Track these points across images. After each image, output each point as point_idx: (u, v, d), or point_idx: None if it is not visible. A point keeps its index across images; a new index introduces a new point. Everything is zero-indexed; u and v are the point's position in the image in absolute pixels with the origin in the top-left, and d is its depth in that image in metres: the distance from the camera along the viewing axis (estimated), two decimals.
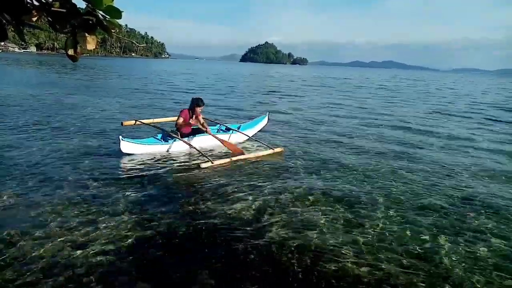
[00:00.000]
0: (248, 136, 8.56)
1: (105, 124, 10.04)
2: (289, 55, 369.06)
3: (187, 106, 7.89)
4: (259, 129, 9.22)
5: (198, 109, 7.75)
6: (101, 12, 1.40)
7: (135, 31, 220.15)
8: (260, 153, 7.67)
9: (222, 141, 7.87)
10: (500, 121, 14.58)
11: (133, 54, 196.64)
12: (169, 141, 7.66)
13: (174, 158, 7.24)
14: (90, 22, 1.41)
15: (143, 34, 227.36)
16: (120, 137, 7.19)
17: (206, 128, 7.94)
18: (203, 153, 7.16)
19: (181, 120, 7.63)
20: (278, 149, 7.83)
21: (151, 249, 3.77)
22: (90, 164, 6.50)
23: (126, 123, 7.82)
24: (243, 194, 5.42)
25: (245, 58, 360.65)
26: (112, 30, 1.47)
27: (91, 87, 21.06)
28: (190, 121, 7.72)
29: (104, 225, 4.19)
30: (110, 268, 3.40)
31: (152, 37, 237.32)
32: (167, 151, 7.60)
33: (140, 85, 24.02)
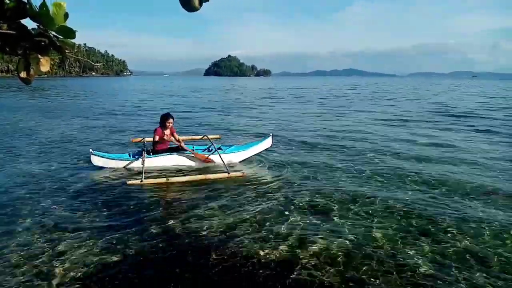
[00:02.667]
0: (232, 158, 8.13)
1: (65, 146, 9.69)
2: (253, 67, 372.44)
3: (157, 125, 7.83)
4: (260, 151, 8.49)
5: (169, 124, 7.66)
6: (53, 33, 1.37)
7: (95, 49, 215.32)
8: (217, 175, 7.14)
9: (192, 152, 7.92)
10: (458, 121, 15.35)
11: (93, 73, 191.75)
12: (136, 157, 7.69)
13: (136, 174, 7.20)
14: (43, 43, 1.37)
15: (103, 52, 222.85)
16: (91, 150, 7.56)
17: (180, 143, 7.92)
18: (141, 170, 6.98)
19: (157, 138, 7.64)
20: (235, 174, 7.24)
21: (116, 271, 3.65)
22: (50, 186, 6.29)
23: (134, 140, 8.68)
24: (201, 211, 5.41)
25: (209, 72, 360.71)
26: (66, 51, 1.43)
27: (48, 109, 20.33)
28: (165, 138, 7.69)
29: (68, 249, 4.02)
30: None
31: (112, 55, 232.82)
32: (131, 166, 7.61)
33: (95, 105, 23.49)
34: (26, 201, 5.64)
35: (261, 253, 4.02)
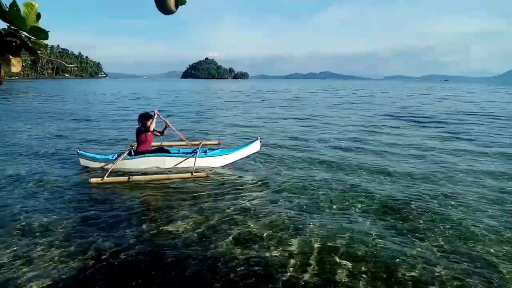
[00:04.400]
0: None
1: (39, 149, 9.42)
2: (230, 70, 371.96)
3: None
4: (247, 154, 8.29)
5: (148, 123, 7.65)
6: (25, 33, 1.34)
7: (68, 51, 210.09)
8: (180, 175, 7.29)
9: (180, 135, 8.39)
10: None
11: (66, 75, 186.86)
12: (118, 158, 7.70)
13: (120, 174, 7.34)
14: (14, 43, 1.34)
15: (76, 54, 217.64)
16: (78, 150, 7.90)
17: (163, 133, 8.07)
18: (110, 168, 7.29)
19: (143, 136, 7.70)
20: (198, 174, 7.28)
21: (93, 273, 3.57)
22: (25, 188, 6.11)
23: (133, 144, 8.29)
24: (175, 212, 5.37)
25: (186, 75, 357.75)
26: (38, 51, 1.41)
27: (20, 112, 19.67)
28: (146, 137, 7.69)
29: (43, 254, 3.90)
30: None
31: (86, 57, 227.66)
32: (113, 167, 7.51)
33: (71, 107, 22.96)
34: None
35: (235, 253, 4.03)
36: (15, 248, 4.17)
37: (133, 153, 7.76)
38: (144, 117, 7.68)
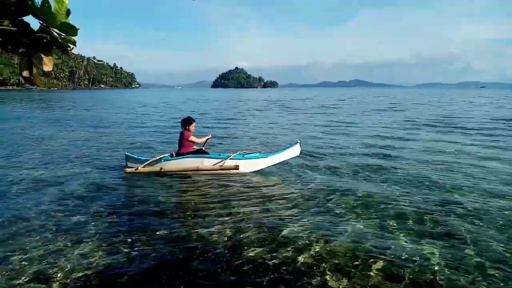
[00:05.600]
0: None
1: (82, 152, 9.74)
2: (260, 79, 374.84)
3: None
4: (286, 159, 8.22)
5: (191, 127, 7.98)
6: (55, 30, 1.35)
7: (104, 62, 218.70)
8: (210, 166, 7.69)
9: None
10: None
11: (102, 86, 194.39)
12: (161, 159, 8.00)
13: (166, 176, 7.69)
14: (45, 40, 1.35)
15: (111, 65, 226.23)
16: (125, 152, 8.34)
17: (203, 143, 8.29)
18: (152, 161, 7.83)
19: (189, 138, 7.94)
20: (228, 165, 7.66)
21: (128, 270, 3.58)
22: (58, 190, 6.28)
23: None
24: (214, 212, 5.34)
25: (216, 84, 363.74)
26: (68, 48, 1.42)
27: (61, 120, 20.54)
28: (190, 139, 7.94)
29: (70, 251, 3.97)
30: None
31: (121, 68, 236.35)
32: (161, 169, 7.82)
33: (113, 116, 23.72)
34: (31, 206, 5.62)
35: (261, 254, 3.92)
36: (45, 242, 4.31)
37: (174, 155, 8.04)
38: (187, 122, 7.95)
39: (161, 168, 7.74)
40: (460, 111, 25.39)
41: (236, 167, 7.66)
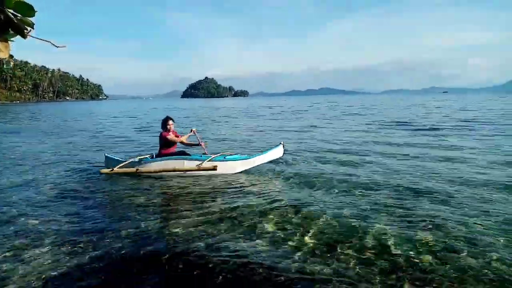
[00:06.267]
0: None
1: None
2: (230, 88, 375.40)
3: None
4: (269, 160, 8.13)
5: (170, 126, 7.91)
6: (10, 11, 1.29)
7: (69, 74, 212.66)
8: (187, 167, 7.59)
9: (199, 143, 8.17)
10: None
11: (67, 98, 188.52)
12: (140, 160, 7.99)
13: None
14: None
15: (77, 76, 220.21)
16: (105, 154, 8.45)
17: (184, 141, 8.12)
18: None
19: (167, 137, 7.82)
20: (206, 166, 7.54)
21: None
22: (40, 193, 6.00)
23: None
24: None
25: (186, 94, 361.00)
26: (25, 31, 1.36)
27: (26, 130, 19.68)
28: (168, 137, 7.83)
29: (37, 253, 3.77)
30: None
31: (87, 79, 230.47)
32: (136, 166, 7.80)
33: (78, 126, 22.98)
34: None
35: (240, 250, 3.85)
36: (14, 246, 4.16)
37: (154, 156, 7.99)
38: (164, 121, 7.94)
39: (137, 169, 7.63)
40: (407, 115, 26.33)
41: (214, 168, 7.50)
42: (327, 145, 12.22)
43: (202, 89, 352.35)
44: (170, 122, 7.96)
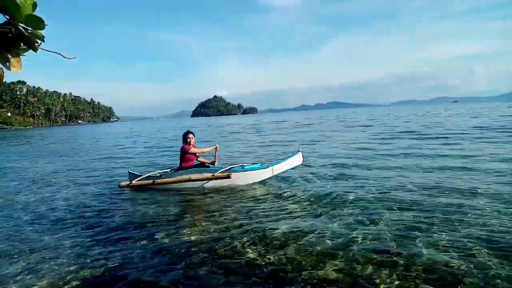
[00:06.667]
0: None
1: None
2: (239, 105, 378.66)
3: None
4: (288, 168, 7.96)
5: (190, 140, 7.93)
6: (21, 25, 1.30)
7: (81, 98, 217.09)
8: (201, 176, 7.57)
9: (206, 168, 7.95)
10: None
11: (79, 122, 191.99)
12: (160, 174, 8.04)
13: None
14: (9, 35, 1.30)
15: (88, 100, 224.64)
16: (129, 170, 8.69)
17: (204, 151, 8.10)
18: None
19: (194, 150, 7.90)
20: (220, 175, 7.47)
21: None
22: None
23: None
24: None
25: (196, 113, 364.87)
26: (36, 44, 1.36)
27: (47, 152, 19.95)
28: (191, 151, 7.87)
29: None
30: None
31: (98, 102, 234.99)
32: (154, 182, 7.84)
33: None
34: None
35: (254, 256, 3.88)
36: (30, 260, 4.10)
37: (175, 171, 8.03)
38: (185, 135, 7.98)
39: (153, 181, 7.71)
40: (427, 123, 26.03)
41: (228, 176, 7.41)
42: (352, 153, 12.14)
43: (212, 107, 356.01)
44: (191, 135, 7.99)
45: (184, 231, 5.02)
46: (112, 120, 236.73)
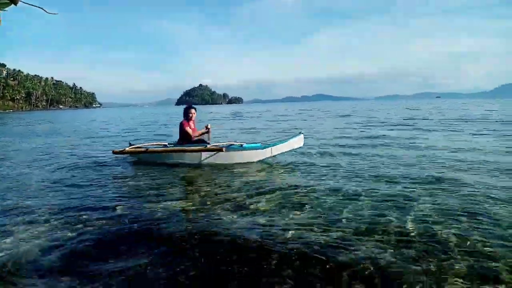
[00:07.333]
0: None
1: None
2: (224, 95, 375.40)
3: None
4: (289, 149, 7.87)
5: (192, 115, 7.93)
6: None
7: (63, 82, 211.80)
8: (195, 147, 7.54)
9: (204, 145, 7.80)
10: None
11: (60, 106, 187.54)
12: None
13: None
14: None
15: (71, 85, 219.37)
16: (129, 142, 8.94)
17: (196, 135, 8.05)
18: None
19: (186, 129, 7.82)
20: (212, 147, 7.45)
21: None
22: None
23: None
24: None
25: (181, 102, 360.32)
26: None
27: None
28: (189, 129, 7.85)
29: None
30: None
31: (81, 88, 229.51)
32: (147, 150, 7.95)
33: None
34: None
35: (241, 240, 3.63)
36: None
37: (173, 145, 8.01)
38: (185, 110, 7.95)
39: (147, 149, 7.78)
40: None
41: (221, 149, 7.33)
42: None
43: (197, 96, 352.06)
44: (193, 111, 7.90)
45: (170, 202, 5.02)
46: (94, 106, 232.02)
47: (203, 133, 8.14)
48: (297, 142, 7.87)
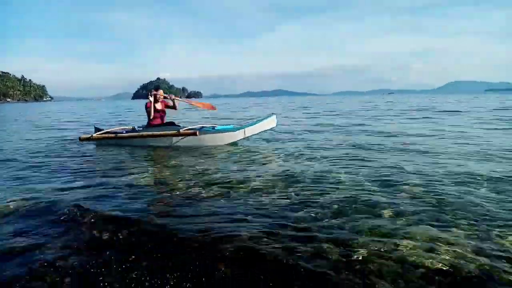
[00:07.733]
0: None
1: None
2: (183, 89, 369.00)
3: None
4: (262, 130, 7.79)
5: (157, 95, 7.78)
6: None
7: (10, 74, 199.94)
8: (168, 132, 7.36)
9: (189, 102, 8.41)
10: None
11: (8, 100, 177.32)
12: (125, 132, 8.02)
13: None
14: None
15: (19, 77, 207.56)
16: (94, 125, 8.75)
17: (174, 102, 8.04)
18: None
19: (153, 106, 7.62)
20: (186, 132, 7.33)
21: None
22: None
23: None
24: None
25: (137, 95, 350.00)
26: None
27: None
28: (157, 106, 7.72)
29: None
30: None
31: (30, 80, 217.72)
32: (116, 135, 7.79)
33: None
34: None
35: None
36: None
37: (142, 129, 7.82)
38: (151, 91, 7.78)
39: (116, 135, 7.53)
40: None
41: (194, 133, 7.24)
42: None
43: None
44: (160, 91, 7.83)
45: (140, 180, 5.02)
46: (45, 99, 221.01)
47: (169, 106, 8.10)
48: (270, 123, 7.78)
